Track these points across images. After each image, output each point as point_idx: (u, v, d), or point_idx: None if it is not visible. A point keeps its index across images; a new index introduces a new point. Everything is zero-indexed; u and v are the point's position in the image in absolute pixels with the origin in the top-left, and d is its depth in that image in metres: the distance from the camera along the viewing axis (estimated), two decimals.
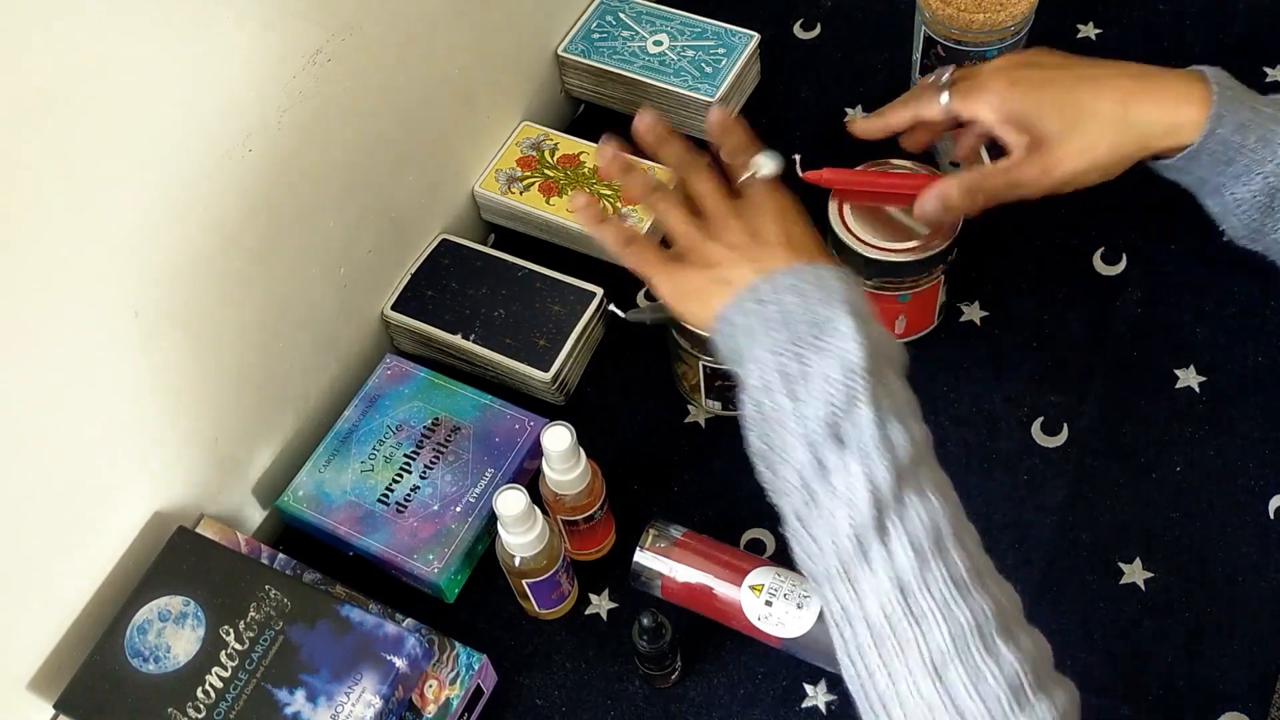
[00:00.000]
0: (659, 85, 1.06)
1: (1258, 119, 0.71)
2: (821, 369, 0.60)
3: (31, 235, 0.65)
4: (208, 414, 0.84)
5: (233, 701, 0.74)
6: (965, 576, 0.58)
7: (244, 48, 0.75)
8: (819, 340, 0.61)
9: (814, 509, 0.60)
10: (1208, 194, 0.76)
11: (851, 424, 0.59)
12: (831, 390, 0.60)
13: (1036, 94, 0.75)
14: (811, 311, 0.62)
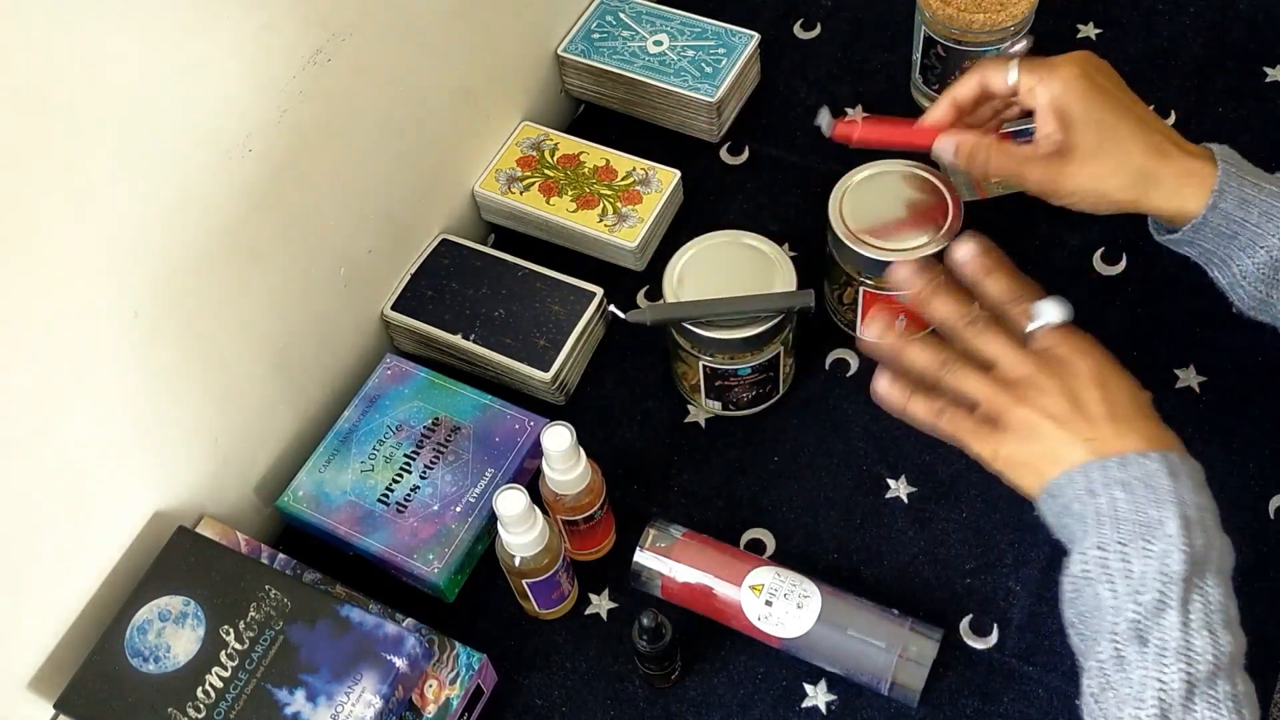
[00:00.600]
0: (659, 85, 1.06)
1: (1260, 195, 0.73)
2: (1140, 571, 0.63)
3: (31, 235, 0.65)
4: (208, 414, 0.84)
5: (233, 701, 0.74)
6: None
7: (244, 48, 0.75)
8: (1144, 543, 0.63)
9: (1108, 694, 0.62)
10: (1215, 267, 0.77)
11: (1157, 626, 0.61)
12: (1144, 594, 0.62)
13: (1098, 99, 0.76)
14: (1141, 512, 0.64)
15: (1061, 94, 0.76)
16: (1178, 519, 0.63)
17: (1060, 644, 0.81)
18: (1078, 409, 0.68)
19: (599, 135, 1.07)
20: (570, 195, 1.02)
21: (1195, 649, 0.60)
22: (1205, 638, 0.61)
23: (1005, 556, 0.84)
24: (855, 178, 0.90)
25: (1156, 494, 0.64)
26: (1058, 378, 0.69)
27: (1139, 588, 0.62)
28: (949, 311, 0.74)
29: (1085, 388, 0.68)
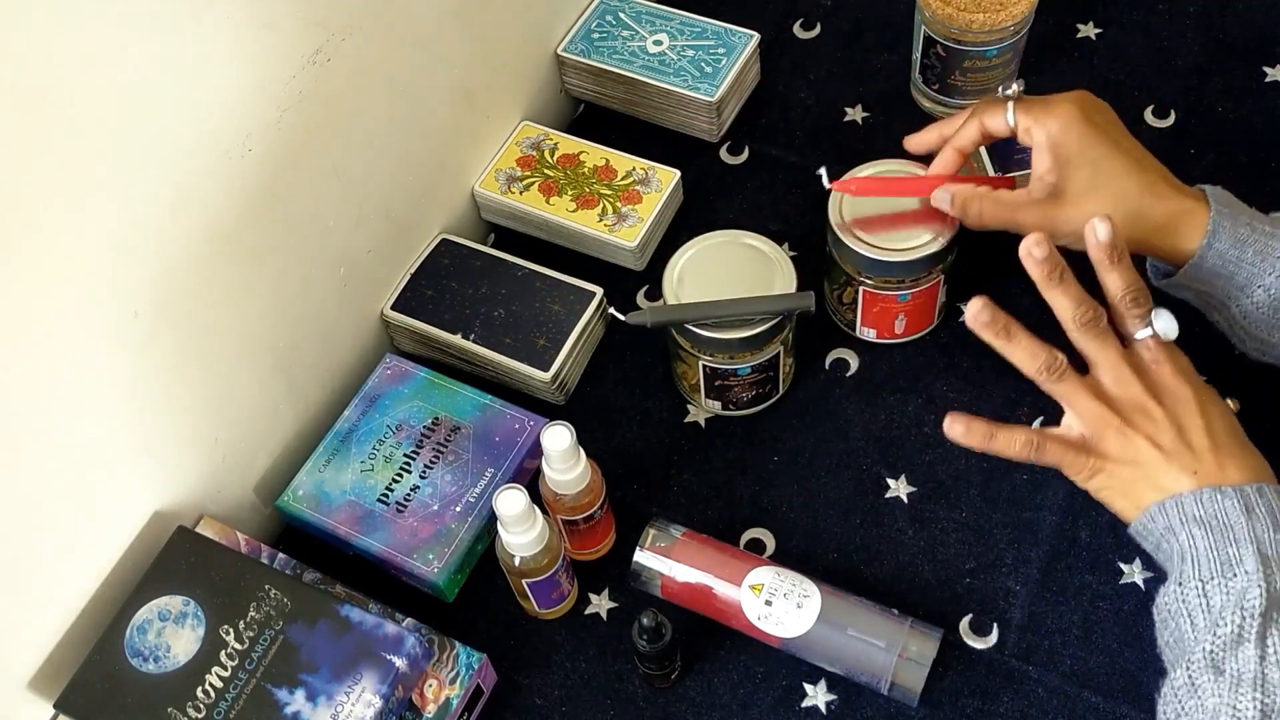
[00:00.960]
0: (659, 85, 1.06)
1: (1254, 235, 0.74)
2: (1219, 605, 0.63)
3: (31, 235, 0.65)
4: (208, 414, 0.84)
5: (233, 701, 0.74)
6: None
7: (244, 47, 0.75)
8: (1226, 579, 0.64)
9: (1183, 715, 0.63)
10: (1215, 309, 0.78)
11: (1233, 657, 0.62)
12: (1222, 627, 0.63)
13: (1092, 138, 0.77)
14: (1223, 550, 0.65)
15: (1058, 133, 0.77)
16: (1255, 556, 0.64)
17: (1060, 644, 0.81)
18: (1182, 439, 0.69)
19: (599, 135, 1.07)
20: (570, 195, 1.02)
21: (1271, 681, 0.61)
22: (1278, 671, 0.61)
23: (1005, 556, 0.85)
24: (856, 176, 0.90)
25: (1233, 533, 0.65)
26: (1165, 405, 0.70)
27: (1218, 621, 0.63)
28: (1069, 302, 0.71)
29: (1191, 418, 0.69)
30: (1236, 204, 0.76)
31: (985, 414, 0.90)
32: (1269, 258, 0.73)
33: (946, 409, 0.90)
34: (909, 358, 0.94)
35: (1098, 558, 0.83)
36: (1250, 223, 0.74)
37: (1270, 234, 0.74)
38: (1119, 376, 0.71)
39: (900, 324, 0.93)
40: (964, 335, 0.94)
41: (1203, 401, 0.70)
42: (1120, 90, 1.06)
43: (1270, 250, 0.73)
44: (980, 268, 0.97)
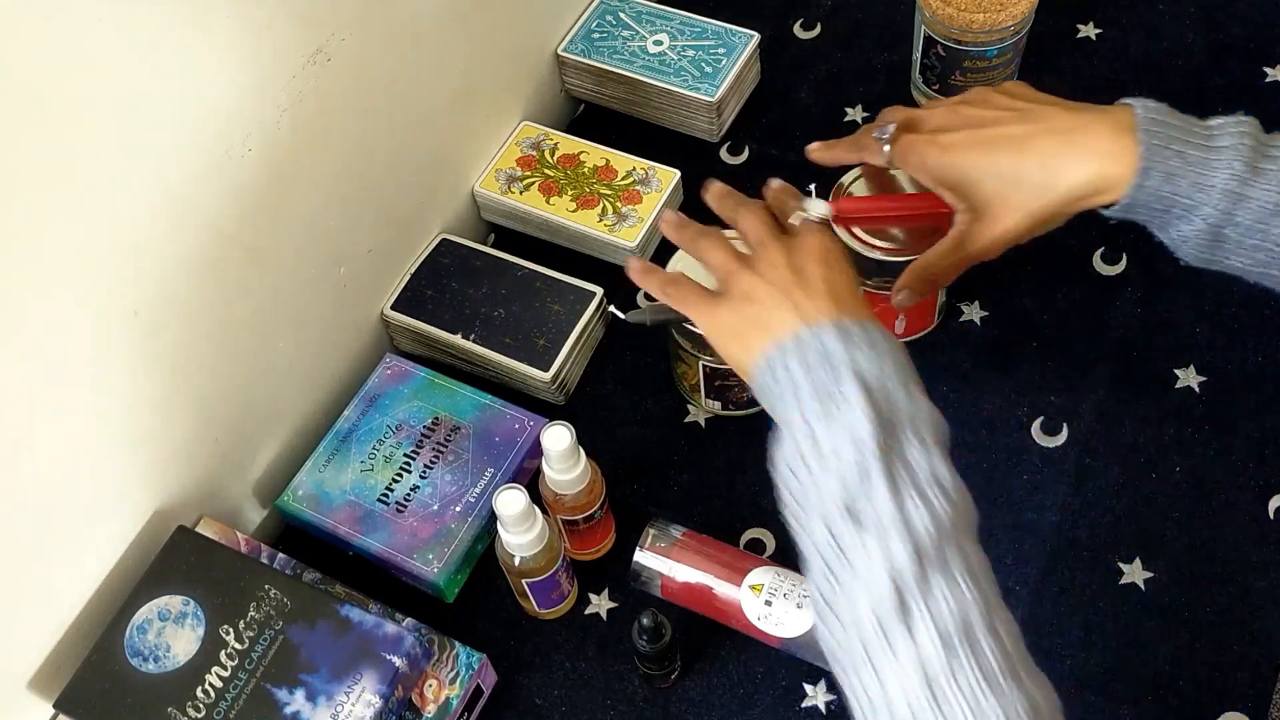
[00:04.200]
0: (659, 85, 1.06)
1: (1186, 166, 0.70)
2: (832, 443, 0.60)
3: (31, 235, 0.65)
4: (208, 414, 0.84)
5: (233, 701, 0.74)
6: (997, 670, 0.54)
7: (244, 47, 0.75)
8: (829, 411, 0.60)
9: (835, 588, 0.58)
10: (1156, 230, 0.75)
11: (867, 500, 0.58)
12: (843, 465, 0.59)
13: (966, 160, 0.75)
14: (825, 378, 0.61)
15: (935, 171, 0.77)
16: (855, 384, 0.60)
17: (1060, 644, 0.81)
18: (798, 278, 0.68)
19: (599, 135, 1.07)
20: (570, 195, 1.02)
21: (913, 519, 0.57)
22: (920, 505, 0.57)
23: (1005, 556, 0.85)
24: (850, 177, 0.90)
25: (831, 362, 0.62)
26: (786, 250, 0.70)
27: (838, 464, 0.59)
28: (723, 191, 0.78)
29: (810, 263, 0.69)
30: (1169, 124, 0.71)
31: (985, 414, 0.91)
32: (1204, 189, 0.70)
33: (947, 409, 0.91)
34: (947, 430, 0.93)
35: (1098, 558, 0.84)
36: (1182, 150, 0.70)
37: (1203, 161, 0.70)
38: (756, 230, 0.73)
39: (900, 324, 0.93)
40: (964, 335, 0.95)
41: (828, 253, 0.69)
42: (1120, 90, 1.05)
43: (1205, 181, 0.70)
44: (980, 268, 0.97)
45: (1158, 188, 0.71)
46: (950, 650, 0.54)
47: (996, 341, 0.94)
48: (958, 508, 0.58)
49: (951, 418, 0.89)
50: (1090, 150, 0.72)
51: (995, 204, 0.75)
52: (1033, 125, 0.74)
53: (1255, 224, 0.69)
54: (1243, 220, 0.70)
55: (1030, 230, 0.75)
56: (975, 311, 0.96)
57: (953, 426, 0.89)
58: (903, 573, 0.56)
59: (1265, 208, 0.69)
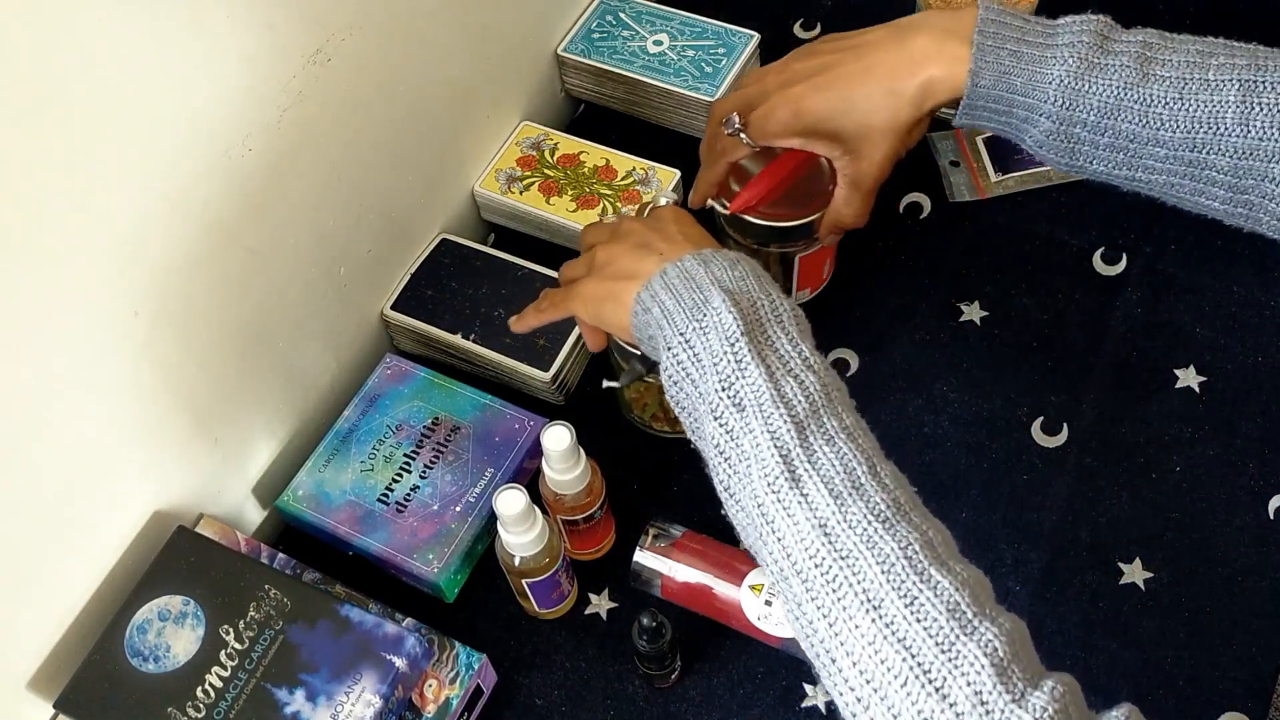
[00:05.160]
0: (659, 85, 1.06)
1: (1019, 64, 0.71)
2: (706, 346, 0.63)
3: (31, 235, 0.65)
4: (208, 414, 0.84)
5: (232, 701, 0.74)
6: (887, 511, 0.57)
7: (244, 47, 0.75)
8: (699, 321, 0.64)
9: (734, 475, 0.61)
10: (1013, 138, 0.75)
11: (744, 386, 0.61)
12: (721, 363, 0.62)
13: (819, 107, 0.78)
14: (692, 296, 0.65)
15: (797, 127, 0.79)
16: (719, 292, 0.64)
17: (1061, 644, 0.81)
18: (657, 233, 0.71)
19: (599, 135, 1.07)
20: (570, 195, 1.02)
21: (787, 394, 0.60)
22: (792, 382, 0.60)
23: (1005, 556, 0.85)
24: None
25: (695, 282, 0.65)
26: (641, 220, 0.74)
27: (715, 362, 0.62)
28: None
29: (667, 224, 0.72)
30: (1006, 24, 0.72)
31: (985, 414, 0.91)
32: (1039, 84, 0.70)
33: (947, 409, 0.91)
34: (909, 358, 0.94)
35: (1098, 558, 0.84)
36: (1016, 49, 0.71)
37: (1037, 59, 0.70)
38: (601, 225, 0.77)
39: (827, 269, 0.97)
40: (964, 335, 0.95)
41: (681, 216, 0.74)
42: None
43: (1039, 77, 0.70)
44: (980, 268, 0.97)
45: (991, 86, 0.72)
46: (840, 500, 0.57)
47: (996, 341, 0.94)
48: (828, 383, 0.62)
49: (952, 417, 0.91)
50: (923, 59, 0.74)
51: (862, 135, 0.78)
52: (867, 56, 0.77)
53: (1101, 120, 0.69)
54: (1087, 117, 0.70)
55: (905, 144, 0.79)
56: (975, 311, 0.96)
57: (953, 426, 0.90)
58: (786, 442, 0.59)
59: (1106, 102, 0.69)
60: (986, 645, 0.52)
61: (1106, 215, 0.99)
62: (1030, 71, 0.70)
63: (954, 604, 0.53)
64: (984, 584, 0.56)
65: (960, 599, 0.54)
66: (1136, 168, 0.71)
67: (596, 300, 0.72)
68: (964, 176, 1.02)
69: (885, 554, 0.55)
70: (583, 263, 0.76)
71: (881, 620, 0.54)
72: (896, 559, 0.55)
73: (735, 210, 0.88)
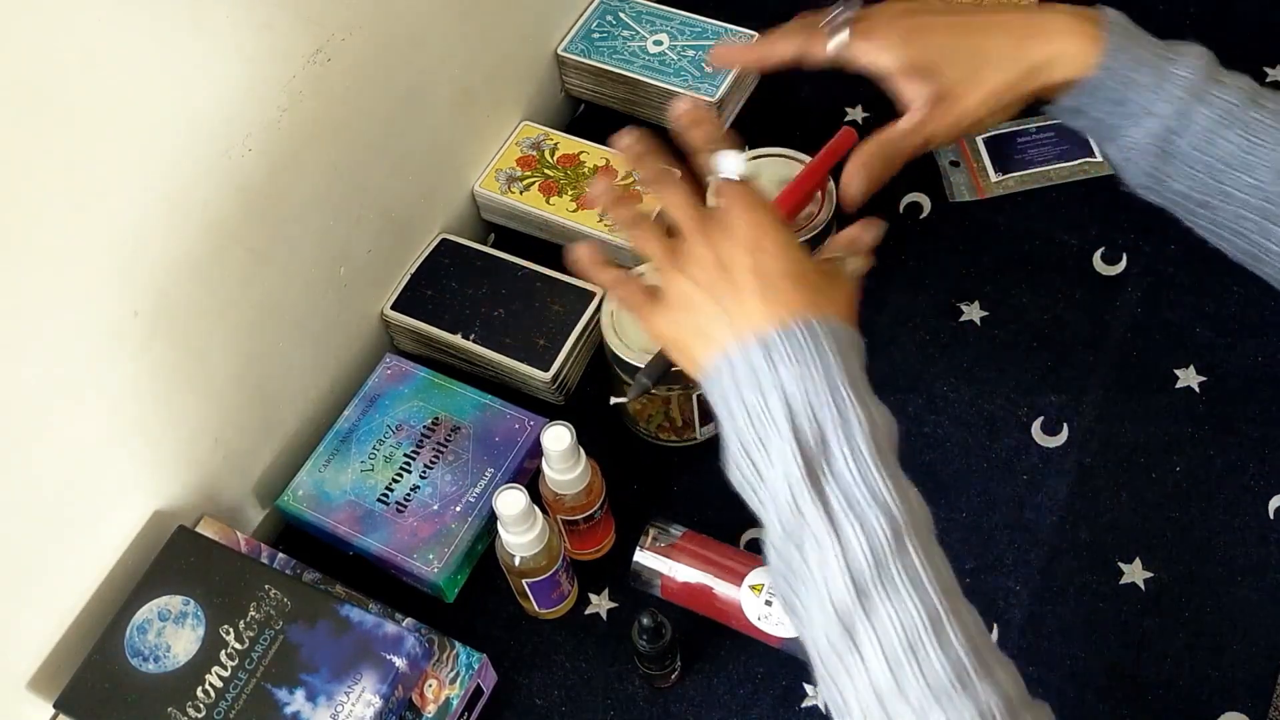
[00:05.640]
0: (659, 85, 1.06)
1: (1152, 57, 0.70)
2: (768, 468, 0.60)
3: (31, 235, 0.65)
4: (208, 414, 0.84)
5: (233, 701, 0.74)
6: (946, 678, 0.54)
7: (244, 47, 0.75)
8: (761, 438, 0.61)
9: (796, 605, 0.59)
10: (1104, 139, 0.74)
11: (804, 533, 0.58)
12: (777, 497, 0.59)
13: (937, 41, 0.73)
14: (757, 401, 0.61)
15: (904, 53, 0.74)
16: (784, 410, 0.60)
17: (1060, 644, 0.81)
18: (725, 274, 0.65)
19: (599, 135, 1.07)
20: (570, 195, 1.02)
21: (850, 543, 0.56)
22: (856, 527, 0.57)
23: (1005, 556, 0.85)
24: None
25: (760, 387, 0.61)
26: (712, 243, 0.66)
27: (773, 496, 0.59)
28: (652, 170, 0.71)
29: (737, 253, 0.65)
30: (1134, 26, 0.72)
31: (985, 414, 0.91)
32: (1167, 81, 0.70)
33: (947, 409, 0.91)
34: (909, 357, 0.94)
35: (1098, 558, 0.83)
36: (1147, 45, 0.71)
37: (1167, 58, 0.70)
38: (684, 218, 0.68)
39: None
40: (964, 335, 0.95)
41: (754, 232, 0.65)
42: None
43: (1168, 74, 0.70)
44: (980, 268, 0.97)
45: (1121, 70, 0.70)
46: (898, 668, 0.55)
47: (996, 341, 0.94)
48: (898, 517, 0.58)
49: (952, 417, 0.91)
50: (1059, 29, 0.72)
51: (960, 84, 0.73)
52: (999, 14, 0.74)
53: (1208, 132, 0.69)
54: (1197, 126, 0.69)
55: (990, 111, 0.74)
56: (975, 311, 0.96)
57: (953, 426, 0.90)
58: (844, 600, 0.56)
59: (1221, 114, 0.69)
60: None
61: (1106, 215, 0.99)
62: (1159, 66, 0.70)
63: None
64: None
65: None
66: (1215, 193, 0.70)
67: (668, 345, 0.68)
68: (964, 176, 1.02)
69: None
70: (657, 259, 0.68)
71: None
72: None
73: None
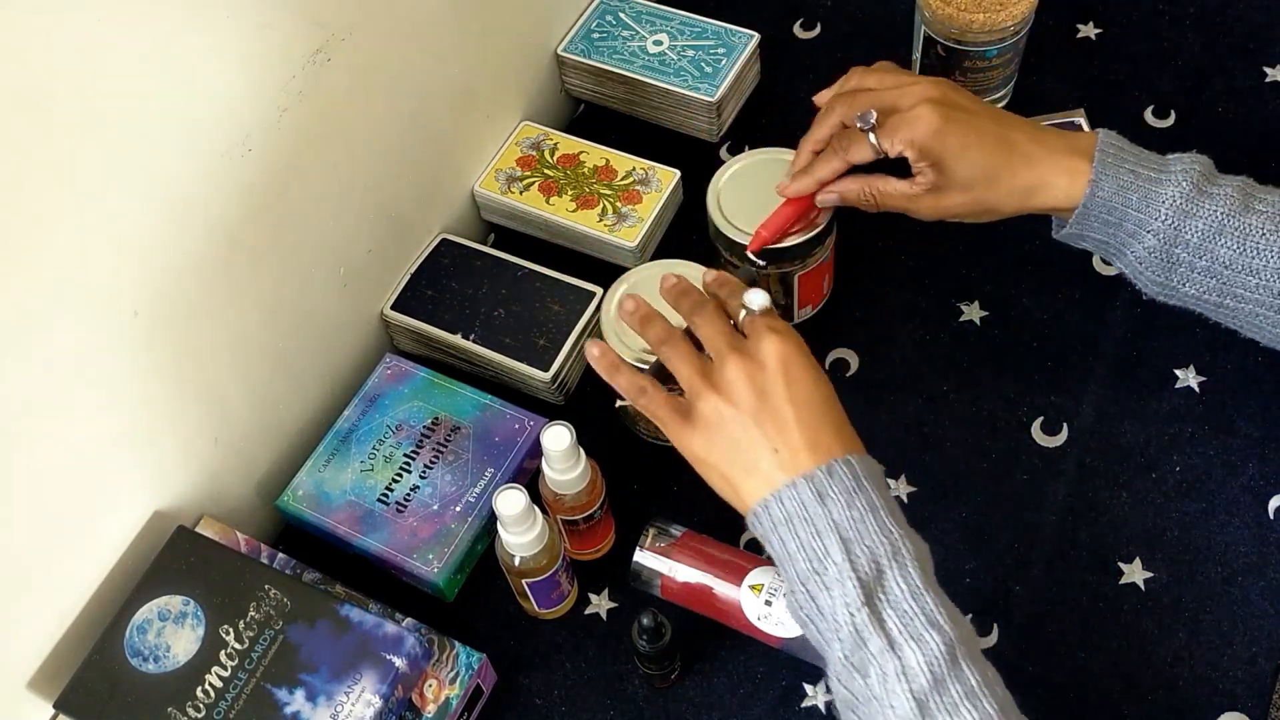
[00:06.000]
0: (659, 85, 1.06)
1: (1137, 181, 0.75)
2: (829, 603, 0.63)
3: (31, 235, 0.65)
4: (208, 413, 0.84)
5: (232, 701, 0.74)
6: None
7: (244, 47, 0.75)
8: (820, 575, 0.64)
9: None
10: (1114, 256, 0.80)
11: (867, 658, 0.62)
12: (840, 630, 0.63)
13: (961, 141, 0.79)
14: (812, 543, 0.65)
15: (925, 142, 0.79)
16: (838, 543, 0.64)
17: (1060, 644, 0.81)
18: (763, 402, 0.68)
19: (599, 135, 1.07)
20: (570, 195, 1.02)
21: (910, 665, 0.60)
22: (915, 649, 0.61)
23: (1005, 556, 0.85)
24: (729, 170, 0.91)
25: (814, 526, 0.65)
26: (748, 370, 0.69)
27: (836, 629, 0.63)
28: (679, 289, 0.75)
29: (771, 381, 0.68)
30: (1125, 149, 0.77)
31: (985, 414, 0.91)
32: (1153, 202, 0.75)
33: (947, 409, 0.91)
34: (909, 358, 0.94)
35: (1098, 558, 0.83)
36: (1135, 169, 0.76)
37: (1154, 179, 0.75)
38: (714, 340, 0.71)
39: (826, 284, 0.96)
40: (964, 335, 0.95)
41: (789, 370, 0.69)
42: (1120, 90, 1.06)
43: (1154, 195, 0.75)
44: (980, 268, 0.97)
45: (1109, 198, 0.76)
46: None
47: (996, 341, 0.94)
48: (951, 636, 0.61)
49: (952, 417, 0.91)
50: (1049, 162, 0.78)
51: (957, 187, 0.80)
52: (1007, 125, 0.80)
53: (1203, 243, 0.74)
54: (1191, 239, 0.74)
55: (973, 214, 0.82)
56: (975, 311, 0.96)
57: (953, 426, 0.90)
58: (909, 718, 0.60)
59: (1211, 226, 0.74)
60: None
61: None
62: (1146, 189, 0.75)
63: None
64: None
65: None
66: (1226, 294, 0.75)
67: (704, 467, 0.70)
68: None
69: None
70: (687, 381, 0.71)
71: None
72: None
73: (755, 249, 0.87)
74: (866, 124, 0.81)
